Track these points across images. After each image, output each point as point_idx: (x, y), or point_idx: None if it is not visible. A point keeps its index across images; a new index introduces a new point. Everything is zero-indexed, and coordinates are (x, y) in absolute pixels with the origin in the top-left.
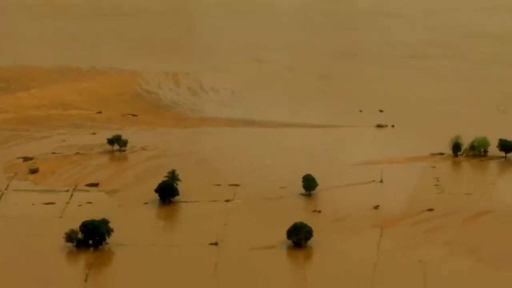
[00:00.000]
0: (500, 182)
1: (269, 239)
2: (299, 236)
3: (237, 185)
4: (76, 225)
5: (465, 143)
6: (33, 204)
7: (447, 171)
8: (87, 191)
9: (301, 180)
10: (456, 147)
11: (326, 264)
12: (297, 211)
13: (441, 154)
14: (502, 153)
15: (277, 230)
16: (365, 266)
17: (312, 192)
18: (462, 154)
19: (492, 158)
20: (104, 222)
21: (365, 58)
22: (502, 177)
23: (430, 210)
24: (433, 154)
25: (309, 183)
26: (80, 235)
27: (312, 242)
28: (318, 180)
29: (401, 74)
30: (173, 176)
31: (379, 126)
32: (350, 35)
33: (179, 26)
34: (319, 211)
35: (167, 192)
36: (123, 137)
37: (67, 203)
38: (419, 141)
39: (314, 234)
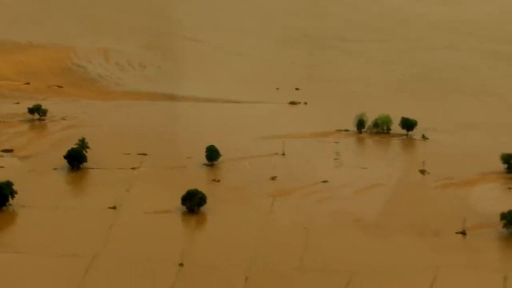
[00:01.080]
0: (398, 158)
1: (165, 205)
2: (192, 202)
3: (145, 154)
4: None
5: (370, 121)
6: None
7: (349, 147)
8: (1, 156)
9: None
10: (360, 124)
11: (215, 229)
12: (197, 180)
13: (346, 130)
14: (404, 131)
15: (174, 197)
16: (251, 232)
17: (214, 162)
18: (366, 131)
19: (394, 135)
20: (8, 184)
21: (290, 40)
22: (401, 154)
23: (325, 182)
24: (339, 131)
25: (212, 154)
26: None
27: (205, 208)
28: (222, 152)
29: (324, 55)
30: (83, 144)
31: (292, 103)
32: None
33: (121, 5)
34: (218, 181)
35: (76, 158)
36: (46, 107)
37: None
38: (328, 117)
39: (209, 201)
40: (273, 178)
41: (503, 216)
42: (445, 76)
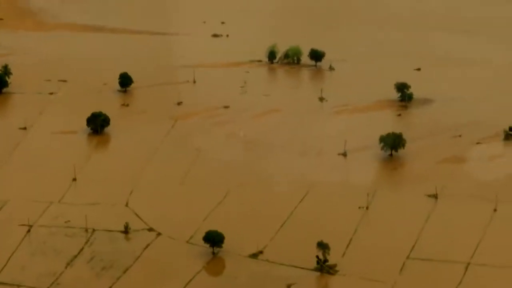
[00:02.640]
0: (301, 86)
1: (72, 126)
2: (96, 123)
3: (65, 81)
4: None
5: (281, 52)
6: None
7: (258, 76)
8: None
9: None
10: (272, 55)
11: (113, 147)
12: (108, 104)
13: (259, 61)
14: (313, 62)
15: (82, 119)
16: (145, 150)
17: (127, 88)
18: (277, 62)
19: (304, 66)
20: None
21: None
22: (305, 83)
23: (226, 107)
24: (252, 61)
25: (125, 80)
26: None
27: (109, 129)
28: (135, 78)
29: None
30: (5, 70)
31: (214, 35)
32: None
33: None
34: (127, 105)
35: None
36: None
37: None
38: (244, 49)
39: (115, 123)
40: (179, 104)
41: (382, 139)
42: (355, 7)
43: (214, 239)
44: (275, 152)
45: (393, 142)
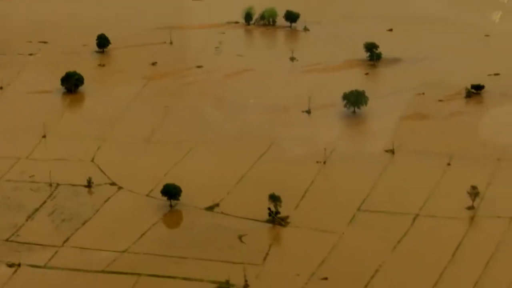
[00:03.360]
0: (276, 46)
1: (48, 86)
2: (69, 83)
3: (45, 42)
4: None
5: (257, 14)
6: None
7: (233, 37)
8: None
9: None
10: (248, 16)
11: (88, 105)
12: (85, 64)
13: (236, 22)
14: (288, 23)
15: (58, 79)
16: (115, 108)
17: (105, 49)
18: (253, 23)
19: (279, 27)
20: None
21: None
22: (279, 42)
23: (199, 67)
24: (229, 23)
25: (102, 42)
26: None
27: (83, 88)
28: (113, 40)
29: None
30: None
31: None
32: None
33: None
34: (103, 65)
35: None
36: None
37: None
38: (221, 11)
39: (88, 83)
40: (154, 64)
41: (345, 96)
42: None
43: (171, 192)
44: (242, 110)
45: (355, 100)
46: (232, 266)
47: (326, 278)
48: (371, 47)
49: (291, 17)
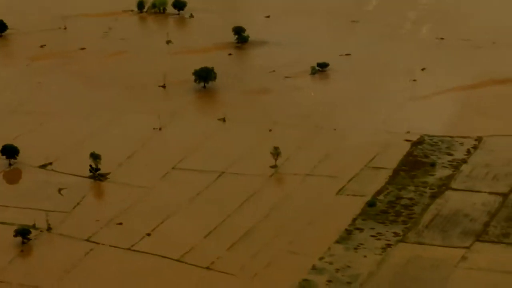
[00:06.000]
0: (158, 31)
1: None
2: None
3: None
4: None
5: (149, 2)
6: None
7: (124, 23)
8: None
9: None
10: (141, 5)
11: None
12: None
13: (132, 10)
14: (176, 11)
15: None
16: None
17: (3, 34)
18: (146, 11)
19: (169, 14)
20: None
21: None
22: (163, 28)
23: (83, 49)
24: (125, 11)
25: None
26: None
27: None
28: (11, 25)
29: None
30: None
31: None
32: None
33: None
34: None
35: None
36: None
37: None
38: (118, 0)
39: None
40: (42, 46)
41: (195, 72)
42: None
43: (9, 152)
44: (105, 87)
45: (205, 75)
46: (43, 214)
47: (121, 223)
48: (239, 31)
49: (179, 5)
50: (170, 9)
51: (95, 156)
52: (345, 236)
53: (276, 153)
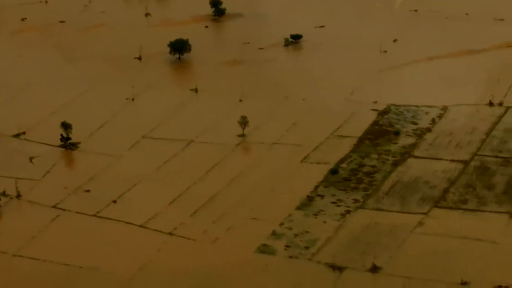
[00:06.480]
0: (139, 4)
1: None
2: None
3: None
4: None
5: None
6: None
7: None
8: None
9: None
10: None
11: None
12: None
13: None
14: None
15: None
16: None
17: None
18: None
19: None
20: None
21: None
22: (147, 2)
23: (62, 22)
24: None
25: None
26: None
27: None
28: None
29: None
30: None
31: None
32: None
33: None
34: None
35: None
36: None
37: None
38: None
39: None
40: (23, 19)
41: (170, 44)
42: None
43: None
44: (83, 59)
45: (180, 47)
46: (14, 181)
47: (88, 191)
48: (216, 4)
49: None
50: None
51: (66, 126)
52: (306, 202)
53: (243, 122)
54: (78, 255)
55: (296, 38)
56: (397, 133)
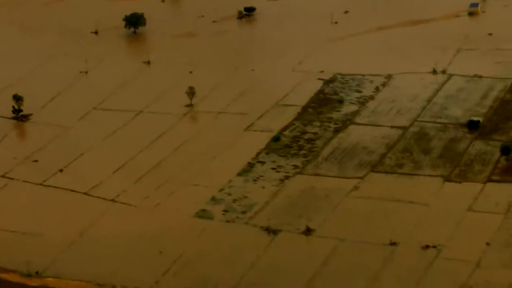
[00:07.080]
0: None
1: None
2: None
3: None
4: None
5: None
6: None
7: None
8: None
9: None
10: None
11: None
12: None
13: None
14: None
15: None
16: None
17: None
18: None
19: None
20: None
21: None
22: None
23: None
24: None
25: None
26: None
27: None
28: None
29: None
30: None
31: None
32: None
33: None
34: None
35: None
36: None
37: None
38: None
39: None
40: None
41: (126, 18)
42: None
43: None
44: (40, 33)
45: (135, 21)
46: None
47: (36, 161)
48: None
49: None
50: None
51: (17, 98)
52: (247, 169)
53: (191, 92)
54: (23, 222)
55: (250, 10)
56: (341, 101)
